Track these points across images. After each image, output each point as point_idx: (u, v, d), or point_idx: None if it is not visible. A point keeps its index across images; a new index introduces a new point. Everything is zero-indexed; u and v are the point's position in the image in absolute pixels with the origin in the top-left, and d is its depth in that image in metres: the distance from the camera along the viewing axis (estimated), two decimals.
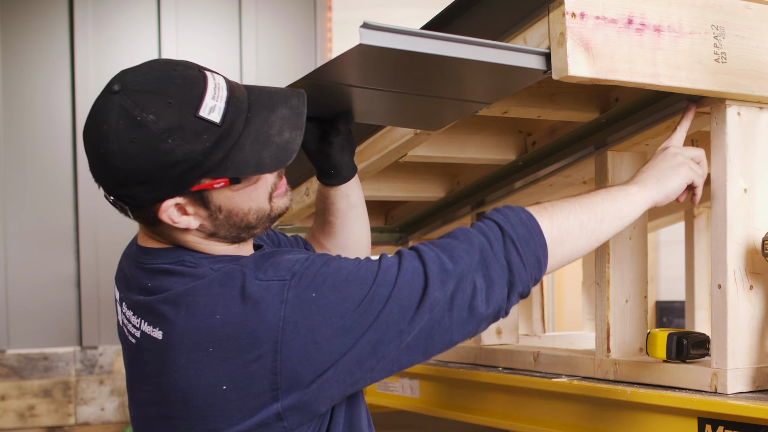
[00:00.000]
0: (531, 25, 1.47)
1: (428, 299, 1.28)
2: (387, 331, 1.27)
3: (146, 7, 4.57)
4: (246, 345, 1.26)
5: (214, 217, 1.34)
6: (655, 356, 1.78)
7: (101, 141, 1.27)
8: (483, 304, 1.32)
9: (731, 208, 1.64)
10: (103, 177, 1.31)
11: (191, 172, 1.28)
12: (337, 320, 1.26)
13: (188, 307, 1.30)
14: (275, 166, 1.32)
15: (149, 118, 1.25)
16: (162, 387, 1.33)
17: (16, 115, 4.37)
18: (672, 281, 4.97)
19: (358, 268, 1.30)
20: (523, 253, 1.35)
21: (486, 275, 1.32)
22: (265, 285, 1.27)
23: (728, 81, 1.57)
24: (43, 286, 4.38)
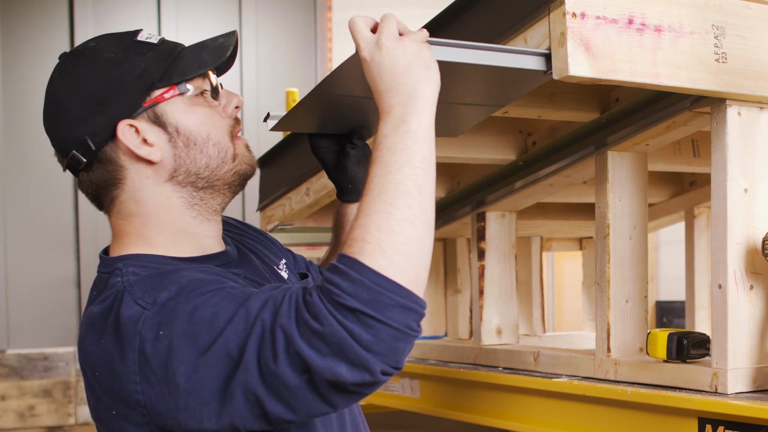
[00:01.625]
0: (531, 25, 1.47)
1: (281, 377, 1.16)
2: (244, 397, 1.18)
3: (146, 7, 4.57)
4: (114, 373, 1.23)
5: (173, 141, 1.33)
6: (656, 356, 1.78)
7: (50, 89, 1.35)
8: (351, 384, 1.15)
9: (732, 208, 1.64)
10: (61, 126, 1.35)
11: (138, 81, 1.31)
12: (180, 366, 1.18)
13: (87, 328, 1.30)
14: (215, 59, 1.34)
15: (90, 44, 1.34)
16: (89, 409, 1.36)
17: (16, 115, 4.37)
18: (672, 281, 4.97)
19: (213, 313, 1.19)
20: (380, 316, 1.13)
21: (345, 359, 1.14)
22: (132, 312, 1.23)
23: (729, 81, 1.57)
24: (43, 286, 4.38)
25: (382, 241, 1.14)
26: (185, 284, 1.24)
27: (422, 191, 1.18)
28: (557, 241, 3.03)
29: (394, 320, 1.13)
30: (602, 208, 1.90)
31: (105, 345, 1.24)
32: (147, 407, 1.22)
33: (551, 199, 2.46)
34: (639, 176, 1.92)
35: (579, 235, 2.99)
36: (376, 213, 1.16)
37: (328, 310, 1.13)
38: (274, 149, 2.45)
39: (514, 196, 2.24)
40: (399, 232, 1.15)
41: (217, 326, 1.18)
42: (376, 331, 1.12)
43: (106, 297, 1.29)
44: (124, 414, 1.25)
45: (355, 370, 1.13)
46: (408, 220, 1.16)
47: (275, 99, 4.71)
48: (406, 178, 1.18)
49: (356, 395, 1.17)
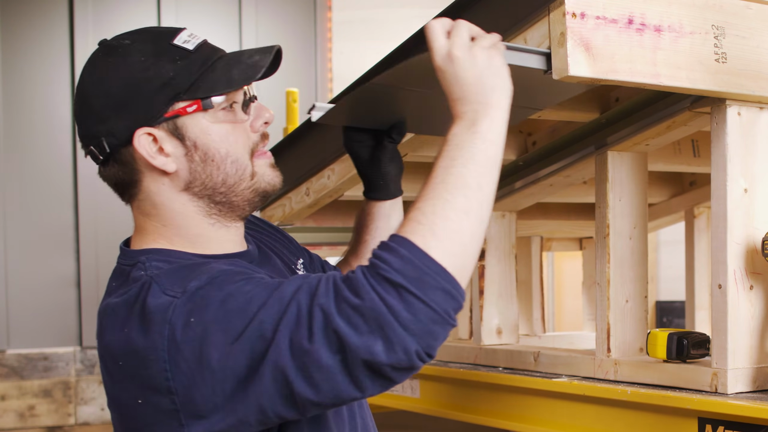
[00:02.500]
0: (531, 25, 1.47)
1: (315, 356, 1.17)
2: (274, 378, 1.19)
3: (146, 7, 4.57)
4: (141, 361, 1.23)
5: (190, 156, 1.32)
6: (656, 356, 1.78)
7: (80, 81, 1.34)
8: (387, 365, 1.16)
9: (731, 208, 1.64)
10: (84, 119, 1.33)
11: (163, 90, 1.28)
12: (213, 352, 1.19)
13: (108, 317, 1.30)
14: (244, 80, 1.31)
15: (124, 42, 1.31)
16: (107, 397, 1.35)
17: (16, 115, 4.37)
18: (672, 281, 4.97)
19: (246, 300, 1.20)
20: (423, 296, 1.14)
21: (383, 337, 1.15)
22: (161, 301, 1.23)
23: (728, 81, 1.57)
24: (43, 286, 4.38)
25: (436, 225, 1.17)
26: (215, 274, 1.24)
27: (482, 188, 1.21)
28: (557, 241, 3.03)
29: (435, 302, 1.14)
30: (602, 208, 1.90)
31: (130, 334, 1.24)
32: (177, 394, 1.21)
33: (551, 199, 2.46)
34: (639, 176, 1.92)
35: (579, 235, 2.99)
36: (434, 199, 1.19)
37: (370, 285, 1.15)
38: (274, 149, 2.45)
39: (514, 196, 2.24)
40: (453, 219, 1.18)
41: (250, 311, 1.18)
42: (416, 310, 1.14)
43: (129, 288, 1.28)
44: (151, 401, 1.24)
45: (391, 350, 1.14)
46: (463, 211, 1.18)
47: (275, 99, 4.71)
48: (468, 172, 1.20)
49: (387, 381, 1.17)
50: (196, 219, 1.36)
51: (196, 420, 1.22)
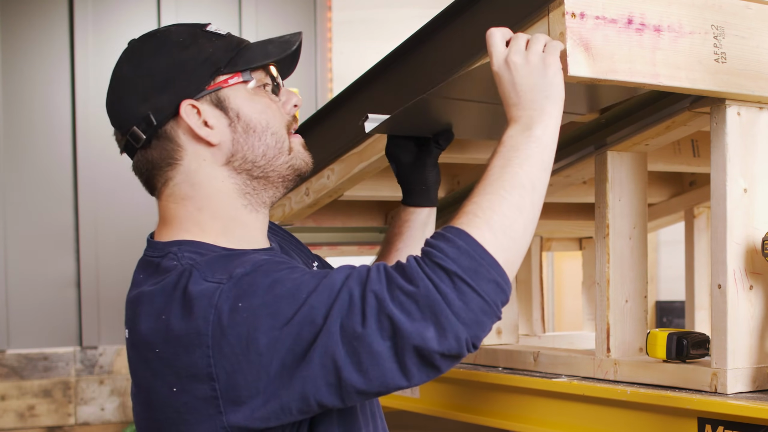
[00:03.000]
0: (531, 25, 1.47)
1: (367, 340, 1.19)
2: (322, 364, 1.20)
3: (146, 7, 4.57)
4: (183, 347, 1.24)
5: (233, 126, 1.36)
6: (655, 356, 1.78)
7: (117, 69, 1.39)
8: (437, 352, 1.19)
9: (731, 208, 1.64)
10: (125, 102, 1.37)
11: (204, 66, 1.34)
12: (261, 337, 1.20)
13: (144, 305, 1.30)
14: (280, 52, 1.38)
15: (161, 29, 1.39)
16: (134, 387, 1.35)
17: (16, 115, 4.37)
18: (672, 281, 4.97)
19: (295, 285, 1.22)
20: (476, 285, 1.19)
21: (436, 323, 1.18)
22: (204, 287, 1.24)
23: (728, 81, 1.57)
24: (43, 286, 4.39)
25: (492, 219, 1.22)
26: (259, 262, 1.26)
27: (535, 189, 1.27)
28: (557, 241, 3.03)
29: (486, 293, 1.19)
30: (602, 208, 1.90)
31: (169, 320, 1.25)
32: (219, 380, 1.22)
33: (551, 199, 2.46)
34: (639, 176, 1.92)
35: (579, 235, 2.99)
36: (490, 194, 1.24)
37: (424, 272, 1.18)
38: None
39: None
40: (508, 215, 1.23)
41: (300, 297, 1.20)
42: (468, 300, 1.17)
43: (165, 277, 1.29)
44: (188, 389, 1.24)
45: (443, 337, 1.17)
46: (518, 208, 1.24)
47: None
48: (523, 173, 1.26)
49: (433, 370, 1.21)
50: (232, 197, 1.38)
51: (235, 406, 1.23)
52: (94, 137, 4.40)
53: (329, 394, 1.21)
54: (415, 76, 1.82)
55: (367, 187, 2.25)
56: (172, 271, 1.29)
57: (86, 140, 4.40)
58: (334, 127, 2.09)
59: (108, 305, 4.44)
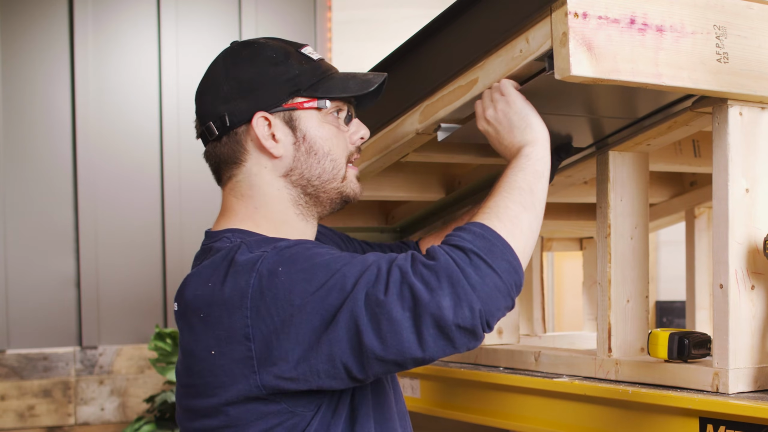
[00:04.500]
0: (533, 25, 1.47)
1: (387, 307, 1.28)
2: (347, 327, 1.30)
3: (146, 7, 4.57)
4: (225, 310, 1.35)
5: (297, 145, 1.47)
6: (657, 356, 1.78)
7: (213, 66, 1.50)
8: (452, 322, 1.27)
9: (733, 207, 1.64)
10: (209, 98, 1.48)
11: (287, 85, 1.45)
12: (296, 299, 1.31)
13: (194, 276, 1.42)
14: (359, 90, 1.48)
15: (259, 41, 1.49)
16: (180, 355, 1.46)
17: (16, 115, 4.37)
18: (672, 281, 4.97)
19: (332, 258, 1.34)
20: (492, 262, 1.31)
21: (453, 294, 1.27)
22: (249, 257, 1.36)
23: (730, 81, 1.57)
24: (43, 286, 4.38)
25: (500, 212, 1.37)
26: (302, 240, 1.40)
27: (533, 192, 1.43)
28: (558, 241, 3.03)
29: (501, 270, 1.31)
30: (603, 208, 1.90)
31: (215, 286, 1.36)
32: (254, 340, 1.32)
33: (552, 199, 2.46)
34: (640, 176, 1.92)
35: (580, 235, 2.99)
36: (495, 197, 1.41)
37: (444, 251, 1.31)
38: None
39: None
40: (513, 209, 1.38)
41: (334, 267, 1.32)
42: (484, 275, 1.29)
43: (216, 253, 1.41)
44: (225, 351, 1.34)
45: (459, 306, 1.27)
46: (520, 204, 1.40)
47: None
48: (520, 179, 1.44)
49: (449, 343, 1.28)
50: (285, 204, 1.50)
51: (268, 366, 1.33)
52: (94, 137, 4.40)
53: (353, 357, 1.30)
54: (417, 75, 1.82)
55: (367, 187, 2.25)
56: (222, 249, 1.41)
57: (86, 140, 4.40)
58: None
59: (108, 305, 4.44)
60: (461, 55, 1.66)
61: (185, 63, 4.59)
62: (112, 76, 4.49)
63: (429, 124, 1.78)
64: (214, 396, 1.37)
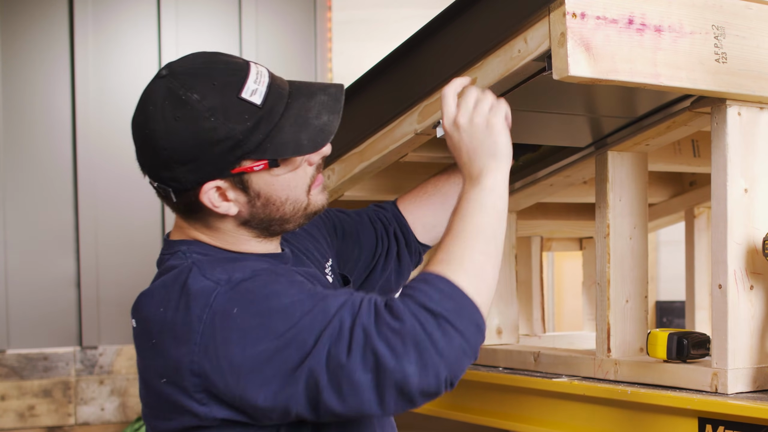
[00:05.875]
0: (531, 25, 1.47)
1: (348, 369, 1.24)
2: (304, 381, 1.25)
3: (146, 7, 4.57)
4: (174, 341, 1.30)
5: (252, 203, 1.38)
6: (656, 356, 1.78)
7: (147, 121, 1.34)
8: (416, 388, 1.24)
9: (732, 208, 1.64)
10: (149, 159, 1.36)
11: (232, 151, 1.32)
12: (248, 346, 1.26)
13: (147, 297, 1.37)
14: (313, 147, 1.36)
15: (194, 97, 1.31)
16: (139, 375, 1.42)
17: (16, 115, 4.37)
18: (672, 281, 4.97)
19: (291, 302, 1.27)
20: (459, 326, 1.25)
21: (419, 361, 1.23)
22: (202, 285, 1.30)
23: (729, 81, 1.57)
24: (43, 286, 4.38)
25: (466, 265, 1.30)
26: (259, 270, 1.32)
27: (496, 237, 1.36)
28: (557, 241, 3.03)
29: (468, 333, 1.25)
30: (602, 208, 1.90)
31: (166, 313, 1.31)
32: (201, 376, 1.28)
33: (551, 199, 2.46)
34: (639, 176, 1.92)
35: (579, 235, 2.99)
36: (460, 243, 1.33)
37: (410, 311, 1.24)
38: None
39: (514, 196, 2.24)
40: (479, 261, 1.32)
41: (293, 316, 1.26)
42: (451, 339, 1.24)
43: (168, 273, 1.35)
44: (174, 380, 1.31)
45: (424, 374, 1.23)
46: (485, 254, 1.33)
47: None
48: (484, 222, 1.36)
49: (410, 404, 1.26)
50: (246, 238, 1.43)
51: (215, 403, 1.29)
52: (94, 137, 4.40)
53: (308, 409, 1.27)
54: (415, 76, 1.82)
55: (367, 187, 2.25)
56: (175, 268, 1.35)
57: (86, 140, 4.40)
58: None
59: (108, 305, 4.44)
60: (460, 56, 1.66)
61: None
62: (112, 76, 4.49)
63: (428, 124, 1.78)
64: (169, 420, 1.35)
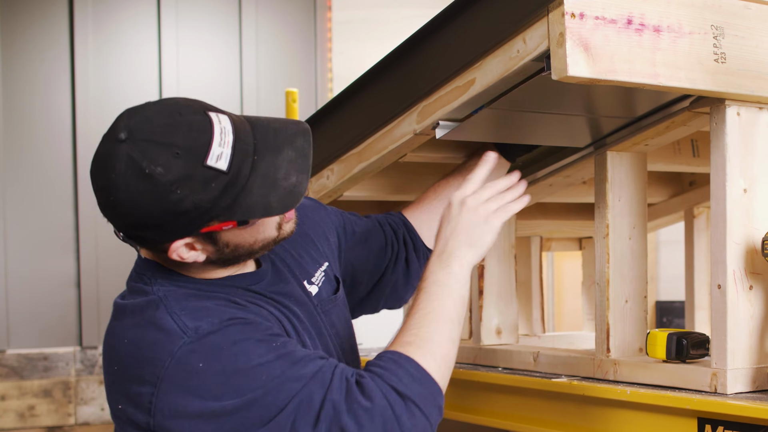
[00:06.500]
0: (530, 25, 1.47)
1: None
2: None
3: (146, 7, 4.57)
4: (135, 377, 1.31)
5: (220, 251, 1.38)
6: (655, 356, 1.78)
7: (110, 188, 1.29)
8: None
9: (731, 208, 1.64)
10: (113, 219, 1.34)
11: (200, 217, 1.30)
12: (210, 402, 1.27)
13: (113, 322, 1.39)
14: (282, 209, 1.35)
15: (157, 171, 1.26)
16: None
17: (16, 115, 4.37)
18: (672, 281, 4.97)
19: (258, 364, 1.28)
20: (426, 410, 1.33)
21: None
22: (168, 327, 1.31)
23: (728, 81, 1.56)
24: (43, 286, 4.39)
25: (434, 350, 1.37)
26: (227, 321, 1.31)
27: (459, 321, 1.43)
28: (557, 241, 3.03)
29: (431, 416, 1.33)
30: (602, 208, 1.90)
31: (130, 345, 1.32)
32: (154, 417, 1.29)
33: (551, 199, 2.46)
34: (638, 176, 1.92)
35: (579, 235, 2.99)
36: (427, 326, 1.39)
37: (381, 391, 1.29)
38: None
39: None
40: (444, 346, 1.39)
41: (259, 379, 1.27)
42: (417, 421, 1.31)
43: (134, 298, 1.37)
44: (130, 412, 1.33)
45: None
46: (450, 340, 1.40)
47: (275, 99, 4.71)
48: (449, 306, 1.42)
49: None
50: (213, 269, 1.43)
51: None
52: (94, 137, 4.40)
53: None
54: (414, 76, 1.82)
55: (366, 188, 2.25)
56: (143, 294, 1.37)
57: (86, 140, 4.40)
58: (334, 128, 2.09)
59: (108, 305, 4.43)
60: (458, 56, 1.66)
61: (185, 63, 4.60)
62: (112, 76, 4.50)
63: (427, 124, 1.78)
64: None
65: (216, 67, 4.67)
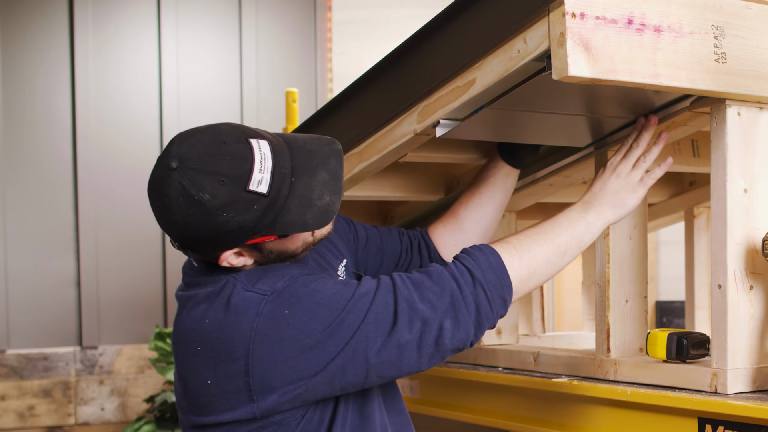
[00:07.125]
0: (531, 25, 1.47)
1: (396, 336, 1.44)
2: (354, 358, 1.43)
3: (146, 7, 4.57)
4: (224, 348, 1.45)
5: (266, 257, 1.53)
6: (655, 356, 1.78)
7: (165, 210, 1.47)
8: (449, 341, 1.46)
9: (731, 208, 1.64)
10: (169, 233, 1.51)
11: (245, 234, 1.46)
12: (304, 338, 1.43)
13: (188, 309, 1.52)
14: (317, 226, 1.50)
15: (205, 197, 1.43)
16: (176, 377, 1.57)
17: (16, 115, 4.37)
18: (672, 281, 4.97)
19: (333, 293, 1.46)
20: (491, 296, 1.49)
21: (454, 317, 1.46)
22: (247, 297, 1.46)
23: (728, 81, 1.57)
24: (43, 286, 4.38)
25: (524, 256, 1.54)
26: (295, 275, 1.49)
27: (565, 255, 1.60)
28: None
29: (495, 305, 1.50)
30: None
31: (212, 325, 1.46)
32: (253, 377, 1.43)
33: (551, 199, 2.46)
34: None
35: None
36: (532, 238, 1.57)
37: (451, 274, 1.48)
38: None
39: (514, 196, 2.24)
40: (538, 260, 1.56)
41: (338, 304, 1.44)
42: (481, 305, 1.48)
43: (209, 282, 1.51)
44: (222, 383, 1.46)
45: (457, 329, 1.46)
46: (546, 261, 1.57)
47: (275, 99, 4.71)
48: (564, 238, 1.60)
49: (439, 360, 1.47)
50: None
51: (267, 394, 1.44)
52: (94, 137, 4.40)
53: (353, 382, 1.45)
54: (415, 76, 1.82)
55: (367, 187, 2.25)
56: (209, 285, 1.50)
57: (86, 140, 4.40)
58: (334, 128, 2.09)
59: (108, 305, 4.44)
60: (459, 56, 1.66)
61: (185, 63, 4.60)
62: (112, 76, 4.50)
63: (427, 124, 1.78)
64: (208, 416, 1.50)
65: (216, 67, 4.67)
